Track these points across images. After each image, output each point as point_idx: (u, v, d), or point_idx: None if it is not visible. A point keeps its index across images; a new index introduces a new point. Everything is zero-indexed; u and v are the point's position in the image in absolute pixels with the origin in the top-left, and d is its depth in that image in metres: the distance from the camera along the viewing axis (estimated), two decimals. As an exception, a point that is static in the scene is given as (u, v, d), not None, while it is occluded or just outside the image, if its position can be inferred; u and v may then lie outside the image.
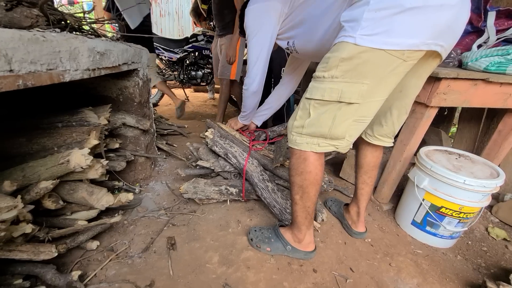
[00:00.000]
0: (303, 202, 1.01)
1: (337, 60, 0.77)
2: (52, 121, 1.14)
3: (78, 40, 0.89)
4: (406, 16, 0.68)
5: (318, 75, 0.84)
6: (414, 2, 0.66)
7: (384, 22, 0.69)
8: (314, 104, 0.85)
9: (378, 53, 0.72)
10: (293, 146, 0.95)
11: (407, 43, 0.71)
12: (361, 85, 0.78)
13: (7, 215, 0.71)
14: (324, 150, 0.91)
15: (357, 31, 0.72)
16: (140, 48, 1.56)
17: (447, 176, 1.17)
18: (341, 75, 0.78)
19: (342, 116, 0.83)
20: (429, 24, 0.70)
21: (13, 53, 0.61)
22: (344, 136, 0.88)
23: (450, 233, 1.26)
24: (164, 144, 2.08)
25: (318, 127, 0.87)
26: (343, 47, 0.76)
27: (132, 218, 1.34)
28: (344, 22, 0.78)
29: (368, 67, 0.75)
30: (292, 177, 0.99)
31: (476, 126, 1.87)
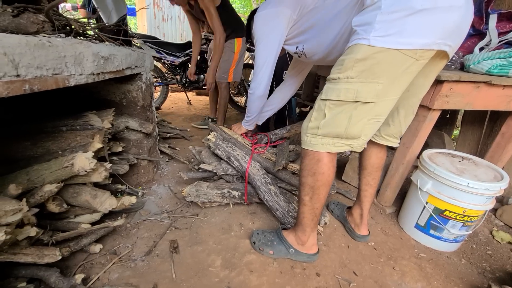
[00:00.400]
0: (312, 203, 1.02)
1: (352, 61, 0.80)
2: (56, 125, 1.15)
3: (83, 45, 0.90)
4: (417, 18, 0.71)
5: (333, 77, 0.86)
6: (424, 4, 0.69)
7: (396, 23, 0.73)
8: (330, 105, 0.87)
9: (392, 53, 0.75)
10: (307, 148, 0.96)
11: (419, 43, 0.74)
12: (376, 84, 0.80)
13: (12, 218, 0.72)
14: (339, 150, 0.93)
15: (371, 33, 0.75)
16: (143, 52, 1.57)
17: (451, 179, 1.16)
18: (356, 75, 0.81)
19: (358, 116, 0.85)
20: (439, 25, 0.73)
21: (20, 58, 0.62)
22: (360, 135, 0.90)
23: (454, 236, 1.25)
24: (167, 148, 2.09)
25: (334, 127, 0.88)
26: (357, 49, 0.79)
27: (135, 221, 1.34)
28: (357, 26, 0.80)
29: (382, 66, 0.78)
30: (304, 177, 0.99)
31: (479, 129, 1.86)
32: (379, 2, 0.74)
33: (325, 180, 0.96)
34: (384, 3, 0.73)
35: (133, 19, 7.79)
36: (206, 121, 2.94)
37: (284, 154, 1.45)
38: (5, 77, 0.58)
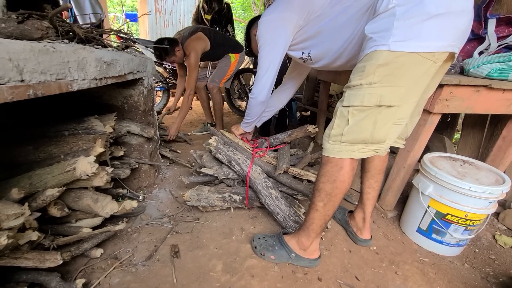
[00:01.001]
0: (326, 210, 1.01)
1: (374, 67, 0.81)
2: (59, 129, 1.16)
3: (86, 51, 0.91)
4: (433, 22, 0.74)
5: (354, 83, 0.87)
6: (439, 9, 0.73)
7: (414, 28, 0.75)
8: (353, 111, 0.88)
9: (413, 56, 0.78)
10: (331, 155, 0.95)
11: (437, 45, 0.77)
12: (399, 88, 0.82)
13: (14, 223, 0.72)
14: (364, 155, 0.94)
15: (389, 39, 0.77)
16: (145, 57, 1.59)
17: (452, 183, 1.16)
18: (379, 80, 0.82)
19: (383, 120, 0.86)
20: (453, 28, 0.77)
21: (25, 64, 0.63)
22: (385, 139, 0.91)
23: (457, 240, 1.25)
24: (168, 152, 2.10)
25: (359, 133, 0.89)
26: (378, 55, 0.80)
27: (136, 225, 1.34)
28: (372, 33, 0.82)
29: (404, 70, 0.80)
30: (322, 183, 0.99)
31: (480, 132, 1.86)
32: (393, 9, 0.77)
33: (344, 188, 0.97)
34: (398, 10, 0.76)
35: (135, 25, 7.88)
36: (205, 127, 2.95)
37: (285, 158, 1.45)
38: (9, 82, 0.59)
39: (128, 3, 12.00)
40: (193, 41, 2.30)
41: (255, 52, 1.39)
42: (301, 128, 1.61)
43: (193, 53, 2.25)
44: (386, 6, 0.78)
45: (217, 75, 2.61)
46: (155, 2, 6.40)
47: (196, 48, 2.27)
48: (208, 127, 2.85)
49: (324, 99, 2.49)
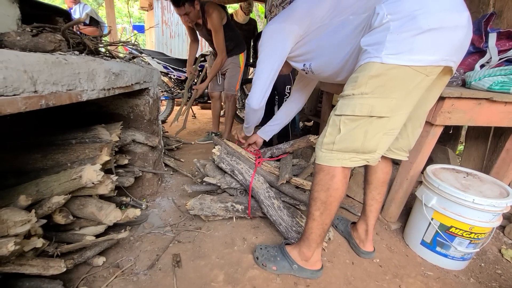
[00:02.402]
0: (323, 219, 1.02)
1: (366, 78, 0.83)
2: (66, 138, 1.18)
3: (96, 62, 0.95)
4: (425, 36, 0.76)
5: (347, 93, 0.89)
6: (431, 24, 0.75)
7: (406, 42, 0.77)
8: (345, 120, 0.89)
9: (404, 69, 0.80)
10: (322, 163, 0.97)
11: (429, 60, 0.79)
12: (390, 99, 0.84)
13: (21, 229, 0.73)
14: (355, 164, 0.95)
15: (382, 51, 0.79)
16: (151, 68, 1.63)
17: (456, 195, 1.16)
18: (370, 91, 0.84)
19: (374, 130, 0.88)
20: (446, 43, 0.79)
21: (38, 75, 0.66)
22: (376, 149, 0.92)
23: (462, 254, 1.23)
24: (172, 161, 2.11)
25: (350, 142, 0.90)
26: (370, 66, 0.82)
27: (138, 234, 1.34)
28: (367, 46, 0.84)
29: (395, 82, 0.82)
30: (317, 192, 1.00)
31: (483, 144, 1.86)
32: (388, 24, 0.79)
33: (338, 196, 0.97)
34: (392, 24, 0.78)
35: (142, 36, 8.08)
36: (209, 136, 2.98)
37: (288, 168, 1.46)
38: (24, 93, 0.61)
39: (136, 15, 12.34)
40: (214, 5, 2.19)
41: None
42: (304, 138, 1.62)
43: (216, 13, 2.14)
44: (381, 21, 0.80)
45: (231, 83, 2.62)
46: (162, 14, 6.58)
47: (218, 9, 2.17)
48: (212, 136, 2.87)
49: (327, 110, 2.51)
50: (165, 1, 6.54)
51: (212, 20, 2.16)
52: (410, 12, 0.76)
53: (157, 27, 6.45)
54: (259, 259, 1.18)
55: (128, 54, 2.75)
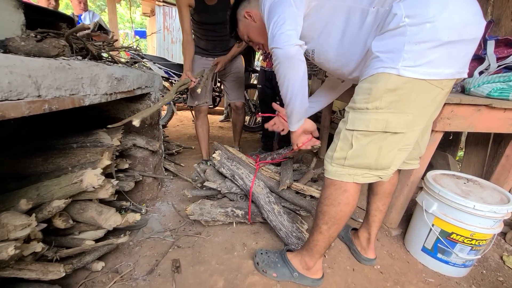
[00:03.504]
0: (330, 232, 0.99)
1: (381, 91, 0.79)
2: (67, 142, 1.19)
3: (99, 67, 0.96)
4: (444, 49, 0.73)
5: (360, 106, 0.84)
6: (451, 37, 0.71)
7: (425, 54, 0.73)
8: (357, 135, 0.85)
9: (421, 83, 0.76)
10: (333, 178, 0.93)
11: (445, 73, 0.76)
12: (406, 115, 0.80)
13: (21, 233, 0.73)
14: (368, 181, 0.91)
15: (399, 62, 0.75)
16: (153, 73, 1.64)
17: (456, 201, 1.16)
18: (386, 106, 0.80)
19: (388, 146, 0.84)
20: (463, 55, 0.77)
21: (42, 80, 0.67)
22: (390, 166, 0.89)
23: (463, 261, 1.22)
24: (172, 165, 2.11)
25: (363, 158, 0.86)
26: (386, 78, 0.77)
27: (137, 239, 1.34)
28: (379, 52, 0.79)
29: (412, 97, 0.78)
30: (326, 206, 0.96)
31: (483, 150, 1.86)
32: (404, 29, 0.73)
33: (349, 211, 0.94)
34: (409, 30, 0.73)
35: (144, 41, 8.16)
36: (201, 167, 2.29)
37: (288, 173, 1.46)
38: (28, 97, 0.62)
39: (138, 21, 12.47)
40: None
41: (242, 36, 1.21)
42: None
43: None
44: (397, 23, 0.74)
45: (239, 89, 2.23)
46: (164, 20, 6.66)
47: None
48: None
49: (327, 115, 2.52)
50: (167, 8, 6.63)
51: None
52: (430, 19, 0.71)
53: (159, 33, 6.52)
54: (259, 265, 1.17)
55: (130, 59, 2.78)
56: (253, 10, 1.11)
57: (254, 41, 1.20)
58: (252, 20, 1.13)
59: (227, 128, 3.93)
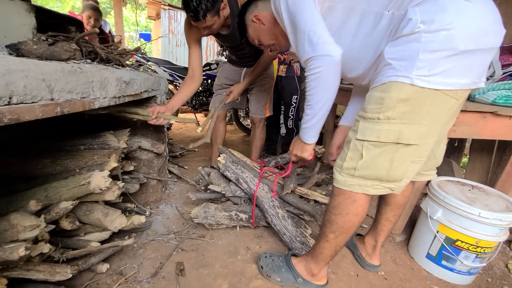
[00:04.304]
0: (337, 241, 0.98)
1: (394, 101, 0.76)
2: (75, 144, 1.20)
3: (108, 71, 0.97)
4: (459, 58, 0.70)
5: (371, 116, 0.81)
6: (468, 46, 0.68)
7: (440, 63, 0.70)
8: (368, 145, 0.83)
9: (435, 93, 0.73)
10: (343, 187, 0.91)
11: (461, 83, 0.73)
12: (420, 126, 0.78)
13: (30, 234, 0.74)
14: (378, 193, 0.89)
15: (413, 71, 0.72)
16: (160, 76, 1.66)
17: (461, 208, 1.15)
18: (398, 116, 0.77)
19: (401, 158, 0.82)
20: (479, 65, 0.74)
21: (55, 84, 0.68)
22: (401, 178, 0.87)
23: (468, 268, 1.21)
24: (176, 168, 2.12)
25: (374, 169, 0.84)
26: (399, 87, 0.75)
27: (142, 241, 1.34)
28: (392, 59, 0.76)
29: (426, 107, 0.75)
30: (334, 215, 0.94)
31: (488, 157, 1.86)
32: (419, 35, 0.70)
33: (357, 221, 0.93)
34: (424, 37, 0.69)
35: (148, 44, 8.23)
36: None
37: (292, 177, 1.46)
38: (41, 100, 0.63)
39: (143, 24, 12.60)
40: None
41: (253, 40, 1.20)
42: (309, 148, 1.63)
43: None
44: (412, 29, 0.71)
45: (261, 102, 1.97)
46: (169, 24, 6.73)
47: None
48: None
49: (330, 120, 2.53)
50: (172, 11, 6.70)
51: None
52: (446, 26, 0.68)
53: (164, 36, 6.59)
54: (263, 269, 1.17)
55: (135, 62, 2.81)
56: (261, 14, 1.11)
57: (264, 43, 1.18)
58: (261, 23, 1.12)
59: (231, 131, 3.94)
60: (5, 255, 0.66)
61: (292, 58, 2.34)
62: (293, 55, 2.33)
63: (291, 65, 2.37)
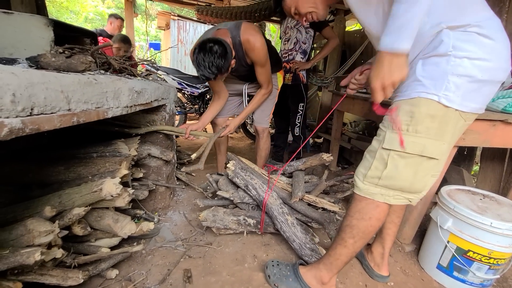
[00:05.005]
0: (355, 247, 0.99)
1: (423, 116, 0.82)
2: (88, 151, 1.24)
3: (121, 81, 1.01)
4: (475, 85, 0.79)
5: (400, 127, 0.86)
6: (484, 76, 0.78)
7: (462, 87, 0.79)
8: (394, 155, 0.87)
9: (454, 113, 0.82)
10: (366, 196, 0.94)
11: (472, 107, 0.83)
12: (442, 143, 0.85)
13: (44, 239, 0.76)
14: (398, 202, 0.93)
15: (441, 90, 0.79)
16: (169, 85, 1.71)
17: (473, 218, 1.13)
18: (425, 131, 0.83)
19: (424, 171, 0.88)
20: (487, 94, 0.84)
21: (73, 95, 0.71)
22: (422, 190, 0.92)
23: (481, 280, 1.18)
24: (183, 175, 2.15)
25: (398, 180, 0.88)
26: (428, 104, 0.82)
27: (150, 247, 1.36)
28: (423, 77, 0.83)
29: (449, 126, 0.83)
30: (356, 220, 0.96)
31: (500, 165, 1.82)
32: (449, 58, 0.77)
33: (378, 226, 0.96)
34: (453, 62, 0.77)
35: (158, 54, 8.43)
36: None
37: (300, 185, 1.47)
38: (60, 111, 0.67)
39: (152, 33, 12.94)
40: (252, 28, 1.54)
41: (288, 10, 1.17)
42: (316, 156, 1.63)
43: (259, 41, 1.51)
44: (444, 51, 0.78)
45: (265, 111, 1.96)
46: (178, 33, 6.90)
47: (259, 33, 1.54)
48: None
49: (338, 128, 2.53)
50: (181, 21, 6.88)
51: (259, 53, 1.54)
52: (470, 55, 0.76)
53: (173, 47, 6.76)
54: (271, 278, 1.16)
55: (145, 71, 2.88)
56: None
57: (302, 11, 1.13)
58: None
59: (238, 139, 3.97)
60: (22, 259, 0.68)
61: (297, 67, 2.37)
62: (298, 64, 2.37)
63: (297, 73, 2.40)
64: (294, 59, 2.43)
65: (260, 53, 1.55)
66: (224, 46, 1.34)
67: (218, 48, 1.32)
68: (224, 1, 4.84)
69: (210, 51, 1.31)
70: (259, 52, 1.54)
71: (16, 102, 0.54)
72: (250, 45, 1.51)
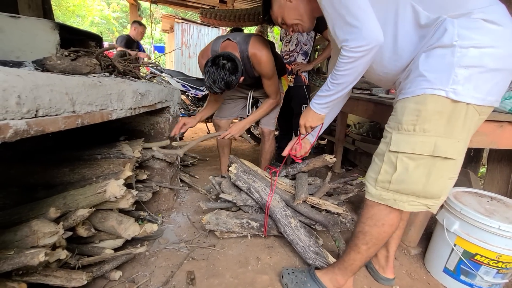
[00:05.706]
0: (369, 252, 0.97)
1: (431, 113, 0.77)
2: (92, 153, 1.25)
3: (126, 84, 1.02)
4: (488, 76, 0.73)
5: (406, 128, 0.82)
6: (496, 65, 0.72)
7: (472, 78, 0.73)
8: (402, 157, 0.82)
9: (466, 107, 0.75)
10: (378, 201, 0.90)
11: (487, 99, 0.76)
12: (457, 141, 0.78)
13: (49, 240, 0.77)
14: (414, 209, 0.87)
15: (448, 84, 0.74)
16: (173, 88, 1.72)
17: (480, 221, 1.11)
18: (434, 129, 0.78)
19: (438, 173, 0.81)
20: (502, 84, 0.77)
21: (77, 97, 0.72)
22: (440, 195, 0.85)
23: (489, 284, 1.16)
24: (187, 177, 2.16)
25: (409, 183, 0.83)
26: (435, 100, 0.76)
27: (153, 249, 1.36)
28: (427, 71, 0.77)
29: (461, 122, 0.77)
30: (368, 226, 0.93)
31: (507, 167, 1.79)
32: (454, 48, 0.72)
33: (392, 232, 0.92)
34: (459, 52, 0.72)
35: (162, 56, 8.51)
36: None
37: (303, 187, 1.46)
38: (64, 113, 0.67)
39: (157, 36, 13.07)
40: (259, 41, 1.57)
41: (276, 20, 1.18)
42: (319, 157, 1.62)
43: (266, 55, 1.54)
44: (449, 41, 0.73)
45: (271, 115, 1.99)
46: (182, 36, 6.96)
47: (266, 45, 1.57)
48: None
49: (341, 129, 2.52)
50: (185, 24, 6.94)
51: (265, 66, 1.57)
52: (477, 44, 0.71)
53: (177, 49, 6.82)
54: (288, 286, 1.13)
55: (150, 73, 2.90)
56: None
57: (288, 22, 1.15)
58: (288, 0, 1.10)
59: (241, 140, 3.97)
60: (26, 260, 0.69)
61: (299, 68, 2.37)
62: (300, 65, 2.37)
63: (299, 74, 2.40)
64: (295, 60, 2.44)
65: (266, 66, 1.58)
66: (236, 64, 1.40)
67: (230, 66, 1.37)
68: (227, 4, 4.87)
69: (223, 68, 1.36)
70: (266, 65, 1.58)
71: (22, 104, 0.55)
72: (257, 59, 1.55)
